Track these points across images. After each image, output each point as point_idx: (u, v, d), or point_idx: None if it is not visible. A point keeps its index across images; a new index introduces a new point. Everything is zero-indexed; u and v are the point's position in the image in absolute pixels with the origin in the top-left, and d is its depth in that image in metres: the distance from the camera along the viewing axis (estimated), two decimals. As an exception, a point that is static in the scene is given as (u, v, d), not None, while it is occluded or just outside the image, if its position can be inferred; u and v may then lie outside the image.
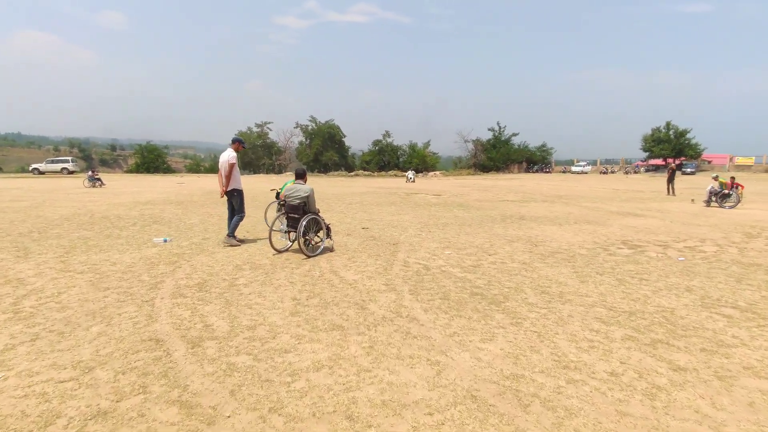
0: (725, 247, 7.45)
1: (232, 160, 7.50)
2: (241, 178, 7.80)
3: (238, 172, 7.78)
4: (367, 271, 5.63)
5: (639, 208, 14.26)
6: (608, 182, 33.53)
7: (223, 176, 7.55)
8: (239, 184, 7.66)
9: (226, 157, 7.55)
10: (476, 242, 7.77)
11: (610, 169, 57.58)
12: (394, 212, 12.42)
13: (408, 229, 9.28)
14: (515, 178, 42.73)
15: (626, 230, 9.33)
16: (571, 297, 4.48)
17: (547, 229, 9.43)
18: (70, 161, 46.09)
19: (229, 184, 7.52)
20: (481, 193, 20.51)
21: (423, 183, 32.61)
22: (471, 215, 11.81)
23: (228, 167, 7.46)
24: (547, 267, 5.88)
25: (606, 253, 6.95)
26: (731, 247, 7.46)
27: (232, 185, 7.55)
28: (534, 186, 27.11)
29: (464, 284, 4.97)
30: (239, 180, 7.70)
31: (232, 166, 7.48)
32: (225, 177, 7.49)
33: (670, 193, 20.58)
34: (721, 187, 15.32)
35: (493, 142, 60.99)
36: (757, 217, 12.08)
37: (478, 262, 6.20)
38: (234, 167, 7.53)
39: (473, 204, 15.09)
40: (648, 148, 56.40)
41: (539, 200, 16.75)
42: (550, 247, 7.36)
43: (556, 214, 12.08)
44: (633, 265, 6.06)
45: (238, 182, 7.64)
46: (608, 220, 11.05)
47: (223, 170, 7.56)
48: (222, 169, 7.58)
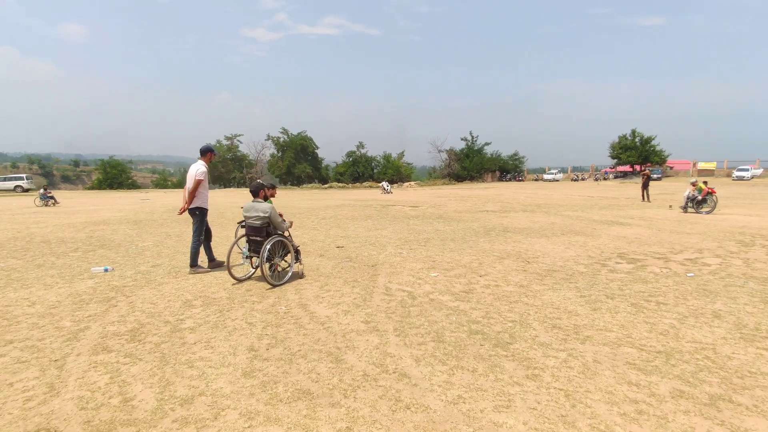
0: (727, 259, 6.96)
1: (200, 176, 6.52)
2: (208, 196, 6.83)
3: (207, 188, 6.81)
4: (343, 302, 4.77)
5: (621, 216, 13.93)
6: (581, 189, 33.75)
7: (187, 192, 6.58)
8: (205, 202, 6.68)
9: (194, 171, 6.58)
10: (463, 261, 7.02)
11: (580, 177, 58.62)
12: (371, 227, 11.60)
13: (387, 246, 8.47)
14: (490, 187, 42.70)
15: (617, 241, 8.80)
16: (589, 332, 3.75)
17: (536, 242, 8.80)
18: (24, 178, 43.38)
19: (192, 201, 6.54)
20: (459, 204, 19.95)
21: (399, 194, 31.97)
22: (452, 228, 11.11)
23: (194, 183, 6.48)
24: (549, 290, 5.17)
25: (606, 269, 6.32)
26: (733, 258, 6.97)
27: (196, 203, 6.56)
28: (510, 195, 26.85)
29: (459, 318, 4.18)
30: (206, 198, 6.73)
31: (199, 182, 6.50)
32: (190, 193, 6.50)
33: (646, 200, 20.58)
34: (699, 193, 15.22)
35: (466, 151, 61.29)
36: (740, 222, 11.87)
37: (469, 286, 5.44)
38: (202, 183, 6.55)
39: (453, 216, 14.44)
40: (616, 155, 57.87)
41: (519, 210, 16.28)
42: (545, 264, 6.69)
43: (540, 225, 11.53)
44: (641, 284, 5.42)
45: (203, 200, 6.66)
46: (595, 230, 10.56)
47: (189, 184, 6.58)
48: (189, 182, 6.60)
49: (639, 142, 55.74)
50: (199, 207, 6.59)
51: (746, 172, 44.68)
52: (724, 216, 13.59)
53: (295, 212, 16.23)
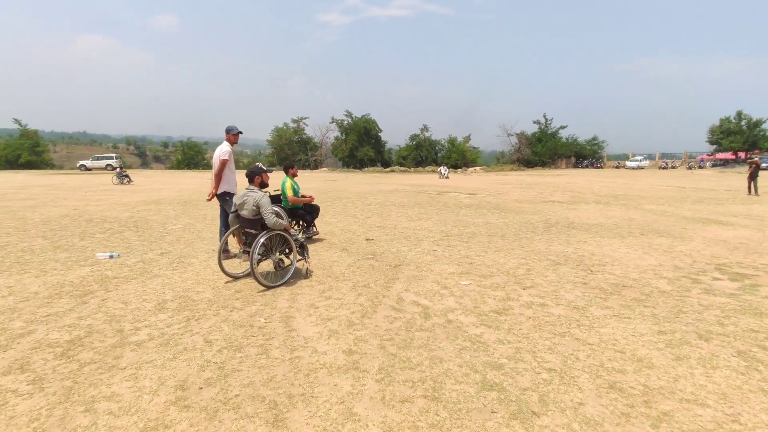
0: None
1: (224, 156, 6.01)
2: (236, 179, 6.26)
3: (233, 170, 6.24)
4: (337, 317, 3.82)
5: (720, 212, 11.52)
6: (670, 179, 29.72)
7: (213, 175, 6.13)
8: (232, 186, 6.16)
9: (218, 152, 6.08)
10: (508, 265, 5.76)
11: (670, 164, 52.29)
12: (415, 216, 10.52)
13: (423, 241, 7.38)
14: (563, 174, 39.31)
15: (715, 247, 6.95)
16: (668, 405, 2.46)
17: (606, 243, 7.21)
18: (113, 158, 47.40)
19: (219, 185, 6.04)
20: (523, 192, 18.11)
21: (460, 179, 30.31)
22: (507, 221, 9.70)
23: (219, 164, 5.98)
24: (613, 318, 3.83)
25: (699, 288, 4.76)
26: None
27: (223, 187, 6.06)
28: (584, 183, 24.17)
29: (475, 357, 3.05)
30: (233, 181, 6.19)
31: (223, 163, 5.99)
32: (215, 176, 6.03)
33: (753, 193, 17.30)
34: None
35: (538, 135, 57.18)
36: None
37: (505, 303, 4.24)
38: (226, 164, 6.03)
39: (512, 206, 12.88)
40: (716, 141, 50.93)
41: (591, 201, 14.24)
42: (613, 276, 5.24)
43: (614, 221, 9.73)
44: (753, 317, 3.88)
45: (230, 184, 6.15)
46: (685, 230, 8.61)
47: (214, 168, 6.12)
48: (214, 165, 6.12)
49: (746, 125, 48.38)
50: (228, 191, 6.03)
51: None
52: None
53: (343, 197, 15.57)
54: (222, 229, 6.06)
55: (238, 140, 6.25)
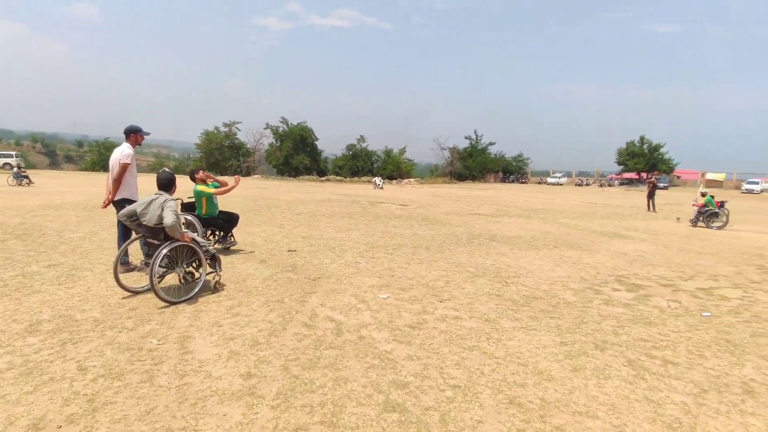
0: (750, 291, 5.70)
1: (126, 159, 5.40)
2: (137, 185, 5.67)
3: (135, 175, 5.64)
4: (242, 337, 3.54)
5: (623, 227, 12.63)
6: (585, 195, 32.34)
7: (110, 180, 5.50)
8: (134, 192, 5.57)
9: (117, 155, 5.46)
10: (428, 277, 5.78)
11: (585, 182, 57.04)
12: (344, 227, 10.37)
13: (347, 252, 7.24)
14: (491, 188, 41.33)
15: (617, 259, 7.54)
16: (562, 419, 2.50)
17: (522, 255, 7.54)
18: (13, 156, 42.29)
19: (118, 191, 5.43)
20: (453, 204, 18.68)
21: (394, 191, 30.69)
22: (433, 233, 9.86)
23: (119, 168, 5.37)
24: (521, 330, 3.93)
25: (600, 299, 5.07)
26: (757, 292, 5.70)
27: (122, 193, 5.45)
28: (510, 197, 25.52)
29: (382, 376, 2.95)
30: (135, 187, 5.60)
31: (124, 167, 5.39)
32: (114, 181, 5.40)
33: (651, 210, 19.26)
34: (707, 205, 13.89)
35: (469, 150, 59.75)
36: (756, 241, 10.57)
37: (420, 317, 4.20)
38: (127, 168, 5.43)
39: (440, 218, 13.18)
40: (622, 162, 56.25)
41: (514, 215, 15.00)
42: (526, 287, 5.45)
43: (532, 234, 10.27)
44: (644, 326, 4.17)
45: (132, 190, 5.56)
46: (593, 243, 9.29)
47: (112, 172, 5.48)
48: (111, 170, 5.50)
49: (647, 149, 54.11)
50: (127, 198, 5.43)
51: (756, 185, 43.07)
52: (737, 233, 12.29)
53: (273, 205, 15.03)
54: (120, 239, 5.49)
55: (142, 142, 5.74)
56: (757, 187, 42.71)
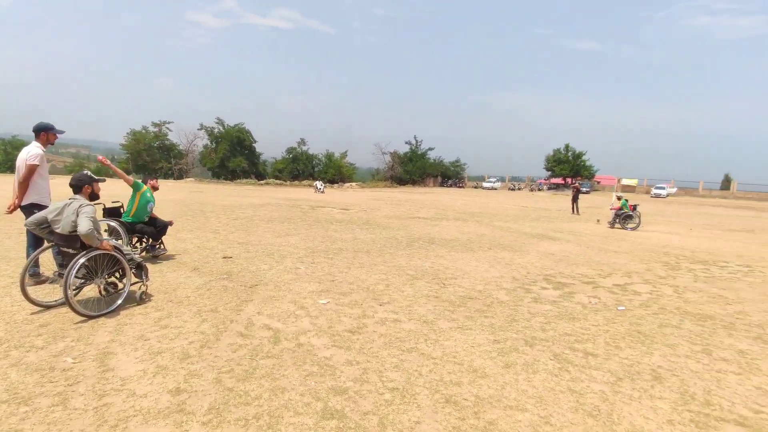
0: (658, 286, 6.32)
1: (33, 160, 4.87)
2: (49, 189, 5.12)
3: (46, 178, 5.09)
4: (170, 350, 3.34)
5: (551, 229, 13.51)
6: (516, 199, 34.20)
7: (16, 183, 4.93)
8: (44, 197, 5.03)
9: (24, 155, 4.90)
10: (369, 281, 5.81)
11: (517, 186, 60.35)
12: (284, 232, 10.13)
13: (287, 258, 7.08)
14: (430, 192, 42.42)
15: (545, 259, 8.04)
16: (495, 414, 2.62)
17: (459, 258, 7.81)
18: None
19: (25, 195, 4.87)
20: (393, 208, 18.92)
21: (336, 195, 30.51)
22: (374, 237, 9.92)
23: (26, 170, 4.82)
24: (457, 330, 4.06)
25: (530, 297, 5.38)
26: (664, 286, 6.34)
27: (30, 198, 4.90)
28: (448, 201, 26.35)
29: (320, 383, 2.91)
30: (45, 191, 5.06)
31: (31, 168, 4.85)
32: (20, 184, 4.84)
33: (575, 212, 20.77)
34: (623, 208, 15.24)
35: (409, 155, 60.97)
36: (662, 240, 11.76)
37: (360, 321, 4.21)
38: (36, 170, 4.89)
39: (381, 222, 13.30)
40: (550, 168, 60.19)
41: (452, 218, 15.50)
42: (462, 288, 5.64)
43: (468, 237, 10.66)
44: (568, 322, 4.48)
45: (41, 194, 5.02)
46: (524, 244, 9.83)
47: (18, 174, 4.91)
48: (18, 171, 4.92)
49: (571, 156, 58.33)
50: (36, 203, 4.89)
51: (663, 190, 48.08)
52: (647, 233, 13.58)
53: (208, 210, 14.33)
54: (30, 248, 4.96)
55: (54, 141, 5.24)
56: (663, 192, 47.66)
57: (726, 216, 23.62)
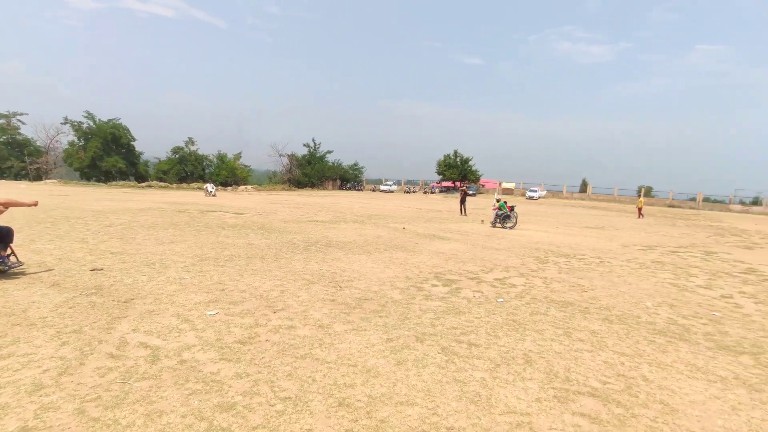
0: (530, 278, 7.11)
1: None
2: None
3: None
4: (15, 383, 2.83)
5: (442, 229, 14.39)
6: (411, 201, 35.81)
7: None
8: None
9: None
10: (263, 288, 5.59)
11: (412, 189, 63.24)
12: (167, 239, 9.26)
13: (170, 267, 6.49)
14: (329, 195, 42.35)
15: (436, 258, 8.54)
16: (386, 412, 2.70)
17: (356, 260, 7.91)
18: None
19: None
20: (291, 212, 18.49)
21: (229, 198, 28.82)
22: (270, 242, 9.58)
23: None
24: (352, 332, 4.10)
25: (422, 295, 5.66)
26: (535, 278, 7.15)
27: None
28: (347, 204, 26.56)
29: (205, 401, 2.71)
30: None
31: None
32: None
33: (463, 214, 22.41)
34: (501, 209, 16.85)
35: (308, 157, 60.20)
36: (534, 238, 13.26)
37: (253, 330, 4.03)
38: None
39: (277, 226, 12.90)
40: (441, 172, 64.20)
41: (350, 220, 15.65)
42: (358, 290, 5.72)
43: (366, 239, 10.87)
44: (454, 316, 4.81)
45: None
46: (417, 245, 10.32)
47: None
48: None
49: (459, 161, 62.90)
50: None
51: (536, 193, 54.26)
52: (523, 232, 15.19)
53: (74, 216, 12.49)
54: None
55: None
56: (536, 194, 53.78)
57: (583, 215, 27.50)
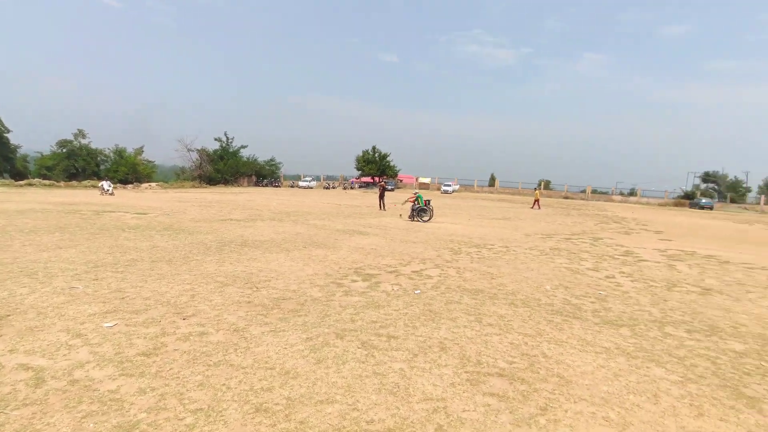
0: (445, 269, 7.45)
1: None
2: None
3: None
4: None
5: (361, 224, 14.51)
6: (331, 197, 35.59)
7: None
8: None
9: None
10: (170, 294, 5.19)
11: (332, 185, 62.87)
12: (54, 244, 8.19)
13: (57, 276, 5.75)
14: (244, 192, 40.49)
15: (355, 253, 8.59)
16: (305, 413, 2.66)
17: (274, 259, 7.68)
18: None
19: None
20: (202, 210, 17.38)
21: (130, 197, 26.25)
22: (177, 243, 8.92)
23: None
24: (269, 334, 3.98)
25: (341, 291, 5.66)
26: (449, 268, 7.51)
27: None
28: (263, 201, 25.61)
29: (102, 423, 2.45)
30: None
31: None
32: None
33: (382, 209, 22.81)
34: (418, 203, 17.46)
35: (220, 153, 56.94)
36: (449, 230, 13.92)
37: (158, 340, 3.72)
38: None
39: (187, 226, 12.04)
40: (360, 167, 64.68)
41: (267, 218, 15.13)
42: (276, 290, 5.56)
43: (284, 237, 10.59)
44: (374, 310, 4.88)
45: None
46: (337, 241, 10.30)
47: None
48: None
49: (378, 157, 63.84)
50: None
51: (450, 187, 56.97)
52: (438, 224, 15.86)
53: None
54: None
55: None
56: (450, 188, 56.48)
57: (492, 207, 29.47)
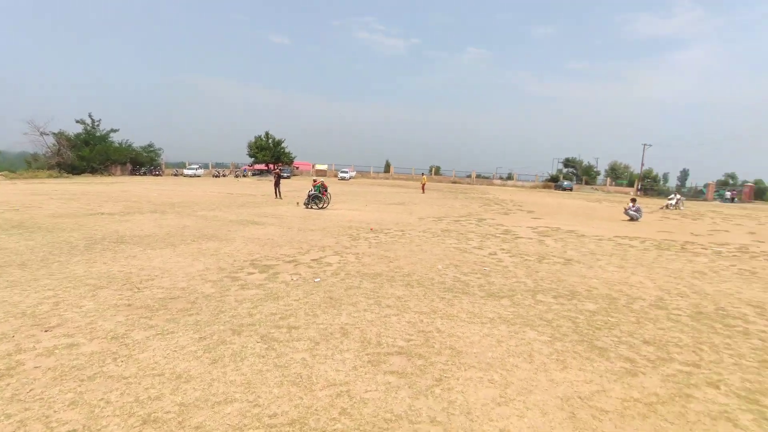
0: (344, 255, 7.51)
1: None
2: None
3: None
4: None
5: (256, 214, 13.91)
6: (222, 186, 33.39)
7: None
8: None
9: None
10: (26, 303, 4.42)
11: (222, 173, 58.93)
12: None
13: None
14: (118, 182, 35.93)
15: (251, 245, 8.22)
16: (202, 417, 2.49)
17: (157, 255, 6.99)
18: None
19: None
20: (64, 204, 15.03)
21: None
22: (33, 244, 7.62)
23: None
24: (156, 338, 3.63)
25: (237, 285, 5.39)
26: (349, 255, 7.59)
27: None
28: (141, 191, 23.04)
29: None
30: None
31: None
32: None
33: (278, 197, 22.11)
34: (317, 191, 17.31)
35: (84, 137, 49.57)
36: (347, 216, 14.05)
37: (12, 359, 3.16)
38: None
39: (44, 222, 10.33)
40: (253, 154, 61.69)
41: (147, 211, 13.67)
42: (162, 289, 5.08)
43: (168, 230, 9.68)
44: (273, 302, 4.74)
45: None
46: (230, 232, 9.74)
47: None
48: None
49: (271, 143, 61.45)
50: None
51: (346, 173, 57.33)
52: (336, 211, 15.90)
53: None
54: None
55: None
56: (347, 175, 56.83)
57: (387, 193, 30.42)
